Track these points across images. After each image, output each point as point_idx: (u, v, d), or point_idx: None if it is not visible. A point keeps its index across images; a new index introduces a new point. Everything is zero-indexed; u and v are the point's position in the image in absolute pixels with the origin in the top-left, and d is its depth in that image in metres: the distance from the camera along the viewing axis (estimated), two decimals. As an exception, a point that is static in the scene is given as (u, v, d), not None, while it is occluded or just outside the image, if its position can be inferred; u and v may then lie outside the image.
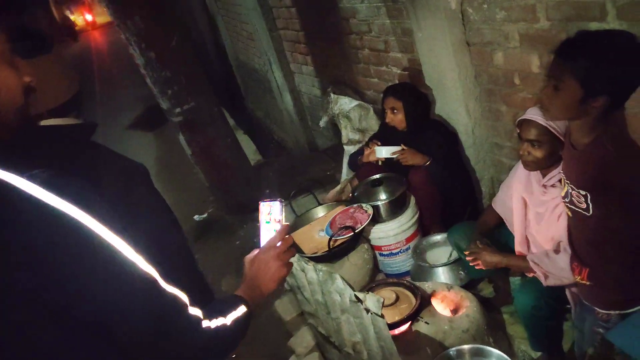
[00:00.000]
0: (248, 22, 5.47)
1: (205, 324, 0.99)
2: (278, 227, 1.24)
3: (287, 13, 4.54)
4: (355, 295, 1.87)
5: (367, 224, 2.56)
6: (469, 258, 2.14)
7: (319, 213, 2.94)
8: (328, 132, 4.63)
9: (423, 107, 2.80)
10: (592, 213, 1.49)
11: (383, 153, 2.83)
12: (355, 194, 2.83)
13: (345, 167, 3.61)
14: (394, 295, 2.19)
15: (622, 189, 1.42)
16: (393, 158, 2.79)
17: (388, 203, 2.68)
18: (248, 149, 5.30)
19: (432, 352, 1.96)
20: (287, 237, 1.23)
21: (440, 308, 2.16)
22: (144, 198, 1.07)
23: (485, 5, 2.26)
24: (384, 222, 2.70)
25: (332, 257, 2.53)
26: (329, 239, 2.47)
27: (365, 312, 1.85)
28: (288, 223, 1.28)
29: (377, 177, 2.85)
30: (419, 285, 2.25)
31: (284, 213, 1.27)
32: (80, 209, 0.81)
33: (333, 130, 4.41)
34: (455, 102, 2.63)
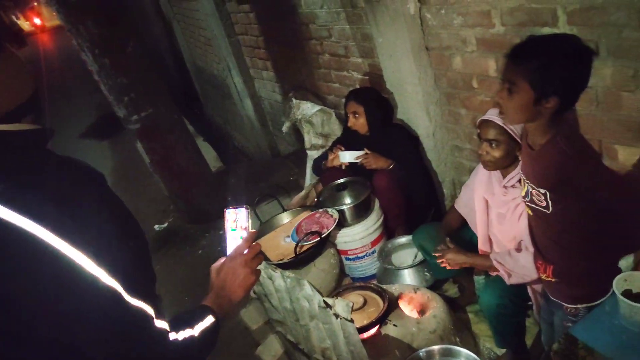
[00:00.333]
0: (206, 27, 5.41)
1: (172, 337, 0.97)
2: (244, 234, 1.22)
3: (245, 18, 4.50)
4: (324, 301, 1.86)
5: (332, 229, 2.56)
6: (438, 258, 2.16)
7: (284, 219, 2.92)
8: (290, 137, 4.62)
9: (385, 111, 2.82)
10: (552, 210, 1.54)
11: (347, 158, 2.84)
12: (320, 199, 2.83)
13: (309, 172, 3.60)
14: (362, 299, 2.19)
15: (577, 186, 1.47)
16: (357, 162, 2.81)
17: (353, 207, 2.68)
18: (208, 156, 5.23)
19: (400, 354, 1.97)
20: (254, 244, 1.21)
21: (408, 310, 2.18)
22: (104, 205, 1.03)
23: (443, 11, 2.30)
24: (350, 226, 2.71)
25: (298, 263, 2.51)
26: (296, 245, 2.46)
27: (335, 317, 1.84)
28: (255, 230, 1.26)
29: (341, 181, 2.86)
30: (386, 288, 2.26)
31: (250, 220, 1.25)
32: (37, 223, 0.78)
33: (295, 136, 4.40)
34: (416, 106, 2.67)
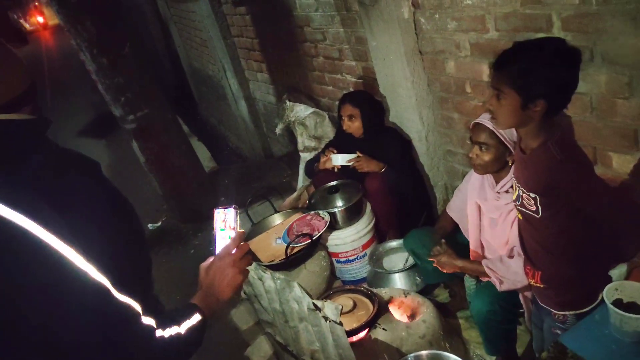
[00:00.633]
0: (202, 29, 5.42)
1: (159, 334, 0.97)
2: (233, 234, 1.22)
3: (241, 20, 4.51)
4: (314, 303, 1.86)
5: (324, 231, 2.55)
6: (434, 262, 2.15)
7: (276, 220, 2.92)
8: (284, 139, 4.62)
9: (379, 114, 2.83)
10: (541, 215, 1.54)
11: (339, 160, 2.85)
12: (312, 201, 2.83)
13: (302, 174, 3.60)
14: (352, 302, 2.19)
15: (566, 191, 1.48)
16: (349, 165, 2.81)
17: (345, 210, 2.68)
18: (202, 156, 5.22)
19: (389, 358, 1.97)
20: (242, 244, 1.21)
21: (398, 314, 2.17)
22: (96, 194, 1.03)
23: (437, 16, 2.31)
24: (341, 228, 2.71)
25: (289, 264, 2.51)
26: (286, 247, 2.45)
27: (324, 320, 1.84)
28: (243, 230, 1.26)
29: (333, 184, 2.86)
30: (376, 292, 2.26)
31: (239, 220, 1.25)
32: (28, 218, 0.79)
33: (289, 137, 4.40)
34: (409, 109, 2.67)
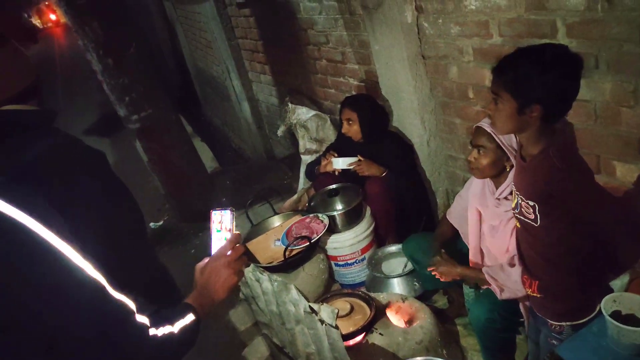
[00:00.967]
0: (207, 30, 5.43)
1: (152, 332, 0.97)
2: (229, 235, 1.23)
3: (245, 22, 4.52)
4: (310, 306, 1.86)
5: (323, 234, 2.55)
6: (432, 270, 2.14)
7: (275, 222, 2.92)
8: (285, 141, 4.63)
9: (379, 118, 2.81)
10: (539, 223, 1.53)
11: (340, 164, 2.84)
12: (312, 204, 2.82)
13: (303, 176, 3.60)
14: (349, 306, 2.18)
15: (565, 200, 1.47)
16: (350, 169, 2.80)
17: (344, 213, 2.68)
18: (205, 157, 5.24)
19: (385, 363, 1.96)
20: (237, 245, 1.21)
21: (395, 319, 2.16)
22: (97, 185, 1.04)
23: (440, 20, 2.30)
24: (340, 232, 2.70)
25: (287, 267, 2.50)
26: (285, 249, 2.45)
27: (320, 323, 1.83)
28: (239, 232, 1.27)
29: (333, 187, 2.85)
30: (374, 296, 2.25)
31: (235, 222, 1.26)
32: (27, 214, 0.80)
33: (290, 140, 4.40)
34: (411, 114, 2.67)
